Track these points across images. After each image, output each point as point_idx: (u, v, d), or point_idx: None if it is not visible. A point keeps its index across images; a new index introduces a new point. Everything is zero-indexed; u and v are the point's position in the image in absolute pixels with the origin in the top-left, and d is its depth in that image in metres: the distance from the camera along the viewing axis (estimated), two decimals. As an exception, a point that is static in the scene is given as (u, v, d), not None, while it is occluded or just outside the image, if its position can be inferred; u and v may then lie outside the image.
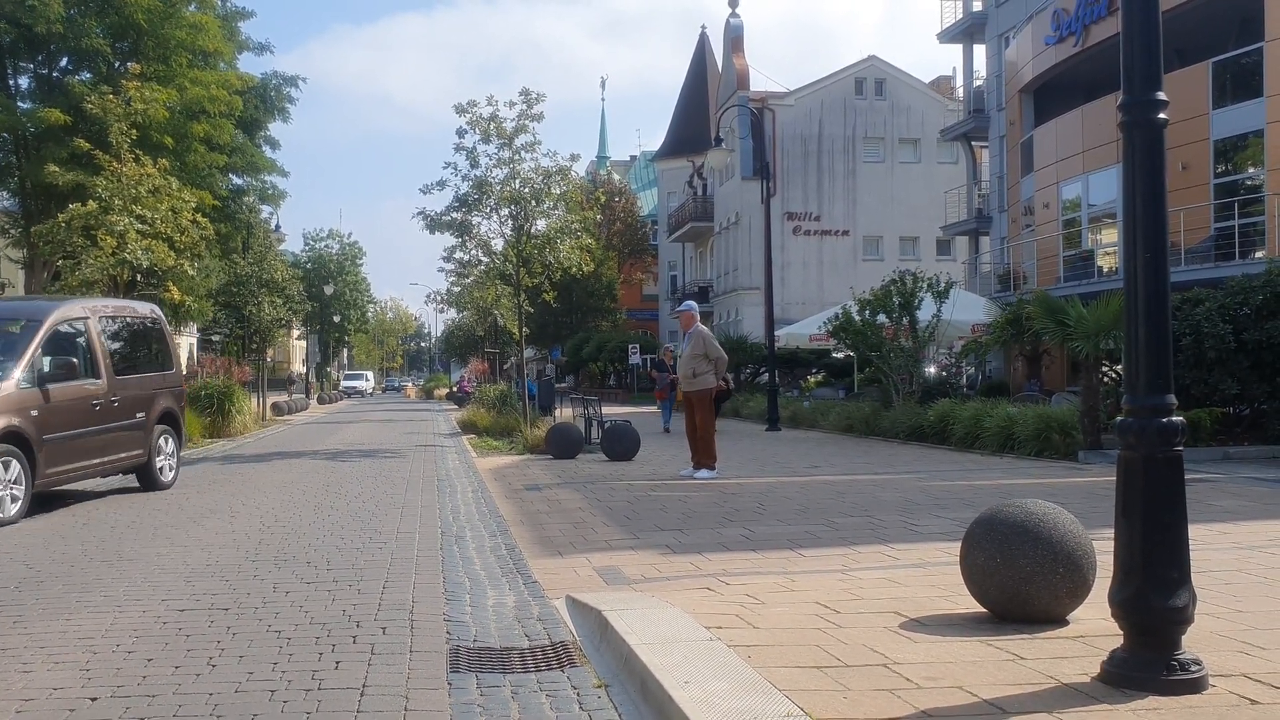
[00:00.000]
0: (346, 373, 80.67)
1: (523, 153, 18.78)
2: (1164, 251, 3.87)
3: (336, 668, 4.59)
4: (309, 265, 66.09)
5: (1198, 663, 3.79)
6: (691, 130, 56.81)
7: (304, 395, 47.46)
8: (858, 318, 21.06)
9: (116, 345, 11.79)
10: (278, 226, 40.25)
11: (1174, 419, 3.80)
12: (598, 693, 4.26)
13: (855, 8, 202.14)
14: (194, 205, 17.97)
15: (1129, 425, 3.84)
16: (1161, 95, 3.86)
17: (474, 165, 19.00)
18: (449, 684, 4.36)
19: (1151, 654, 3.77)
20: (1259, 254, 20.17)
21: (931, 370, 26.04)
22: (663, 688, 3.88)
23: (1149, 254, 3.83)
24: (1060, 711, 3.57)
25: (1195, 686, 3.73)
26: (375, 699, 4.16)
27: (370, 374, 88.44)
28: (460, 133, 18.95)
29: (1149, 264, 3.82)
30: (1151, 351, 3.83)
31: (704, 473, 12.44)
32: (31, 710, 4.06)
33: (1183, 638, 3.82)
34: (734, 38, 49.61)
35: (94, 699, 4.19)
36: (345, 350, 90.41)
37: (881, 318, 20.71)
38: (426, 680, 4.41)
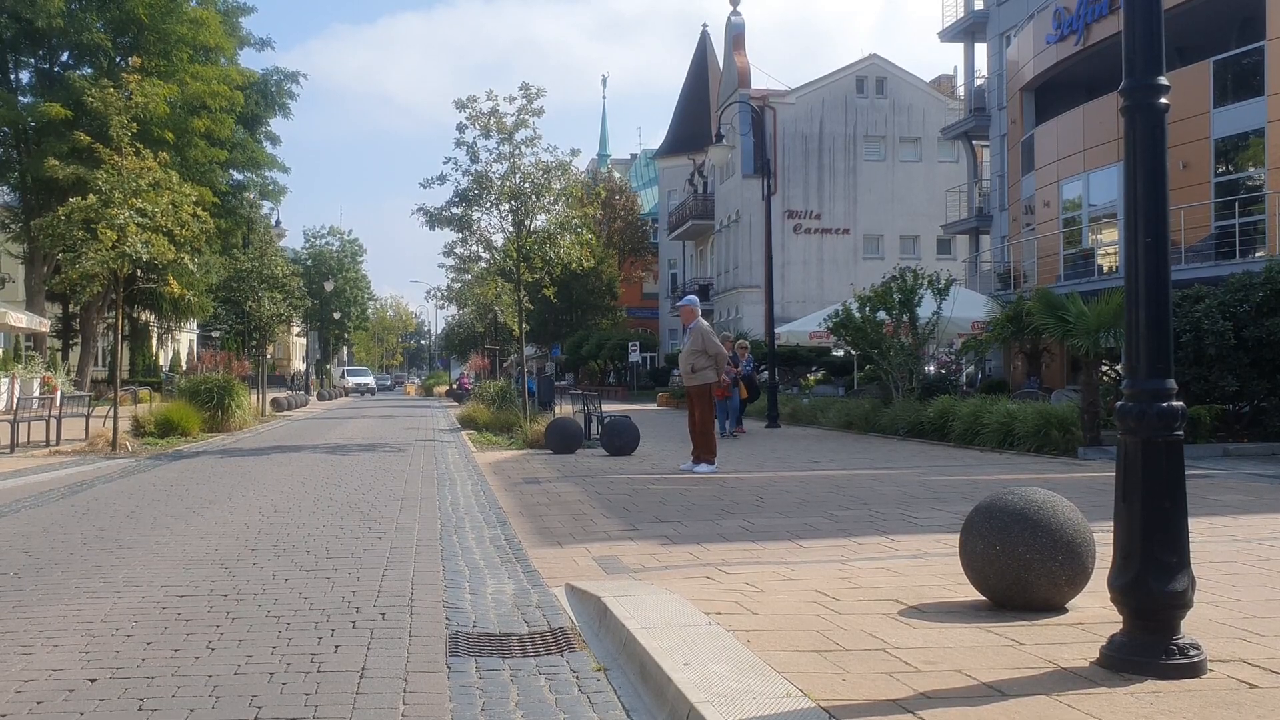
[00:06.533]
0: (348, 368, 78.87)
1: (523, 147, 18.79)
2: (1165, 236, 3.86)
3: (335, 651, 4.59)
4: (309, 262, 66.17)
5: (1196, 647, 3.78)
6: (692, 128, 56.82)
7: (304, 391, 47.46)
8: (858, 315, 21.08)
9: None
10: (278, 222, 40.30)
11: (1174, 403, 3.80)
12: (597, 676, 4.26)
13: (851, 10, 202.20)
14: (194, 199, 17.93)
15: (1129, 409, 3.83)
16: (1163, 80, 3.86)
17: (474, 160, 19.01)
18: (448, 667, 4.36)
19: (1150, 638, 3.77)
20: (1259, 253, 20.18)
21: (931, 368, 26.05)
22: (662, 670, 3.89)
23: (1150, 238, 3.83)
24: (1059, 694, 3.57)
25: (1194, 671, 3.73)
26: (374, 681, 4.16)
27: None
28: (460, 128, 18.95)
29: (1150, 248, 3.82)
30: (1152, 336, 3.82)
31: (704, 467, 12.45)
32: (31, 691, 4.06)
33: (1182, 623, 3.82)
34: (735, 35, 49.62)
35: (93, 680, 4.19)
36: (345, 348, 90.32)
37: (882, 315, 20.73)
38: (425, 664, 4.41)
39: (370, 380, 70.82)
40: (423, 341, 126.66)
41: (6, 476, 12.59)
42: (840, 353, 32.00)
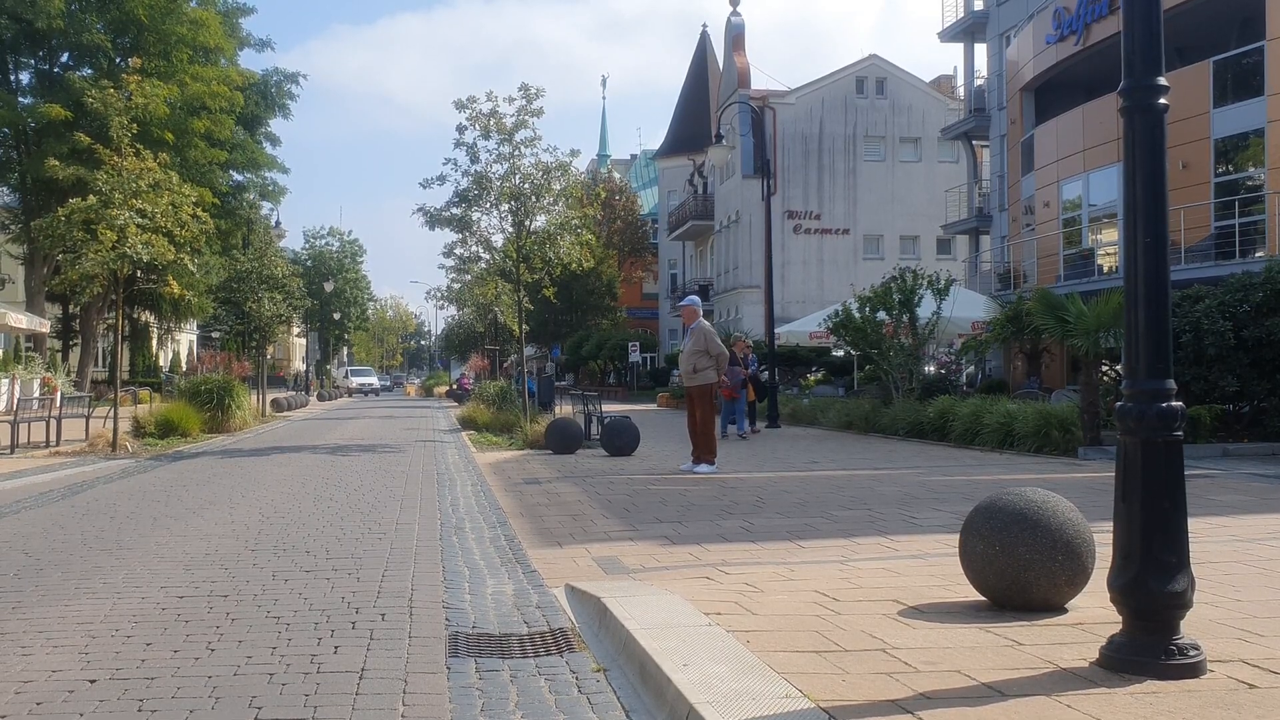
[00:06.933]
0: (352, 369, 78.95)
1: (522, 148, 18.77)
2: (1164, 236, 3.87)
3: (335, 652, 4.59)
4: (309, 262, 66.20)
5: (1196, 647, 3.78)
6: (692, 129, 56.82)
7: (304, 392, 47.45)
8: (858, 315, 21.09)
9: None
10: (278, 223, 40.10)
11: (1173, 403, 3.80)
12: (596, 676, 4.26)
13: (851, 10, 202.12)
14: (194, 200, 17.93)
15: (1128, 410, 3.84)
16: (1162, 80, 3.86)
17: (474, 160, 18.99)
18: (448, 668, 4.36)
19: (1150, 638, 3.77)
20: (1259, 253, 20.18)
21: (931, 368, 26.05)
22: (661, 670, 3.89)
23: (1149, 239, 3.83)
24: (1059, 695, 3.57)
25: (1194, 671, 3.73)
26: (374, 682, 4.16)
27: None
28: (460, 128, 18.95)
29: (1149, 248, 3.82)
30: (1151, 336, 3.83)
31: (704, 467, 12.45)
32: (30, 691, 4.06)
33: (1181, 623, 3.82)
34: (735, 36, 49.63)
35: (93, 681, 4.19)
36: (345, 349, 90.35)
37: (881, 315, 20.73)
38: (425, 665, 4.42)
39: (375, 380, 71.18)
40: (423, 342, 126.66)
41: (7, 477, 12.59)
42: (840, 353, 32.00)
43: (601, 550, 7.09)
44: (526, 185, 18.73)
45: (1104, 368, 15.17)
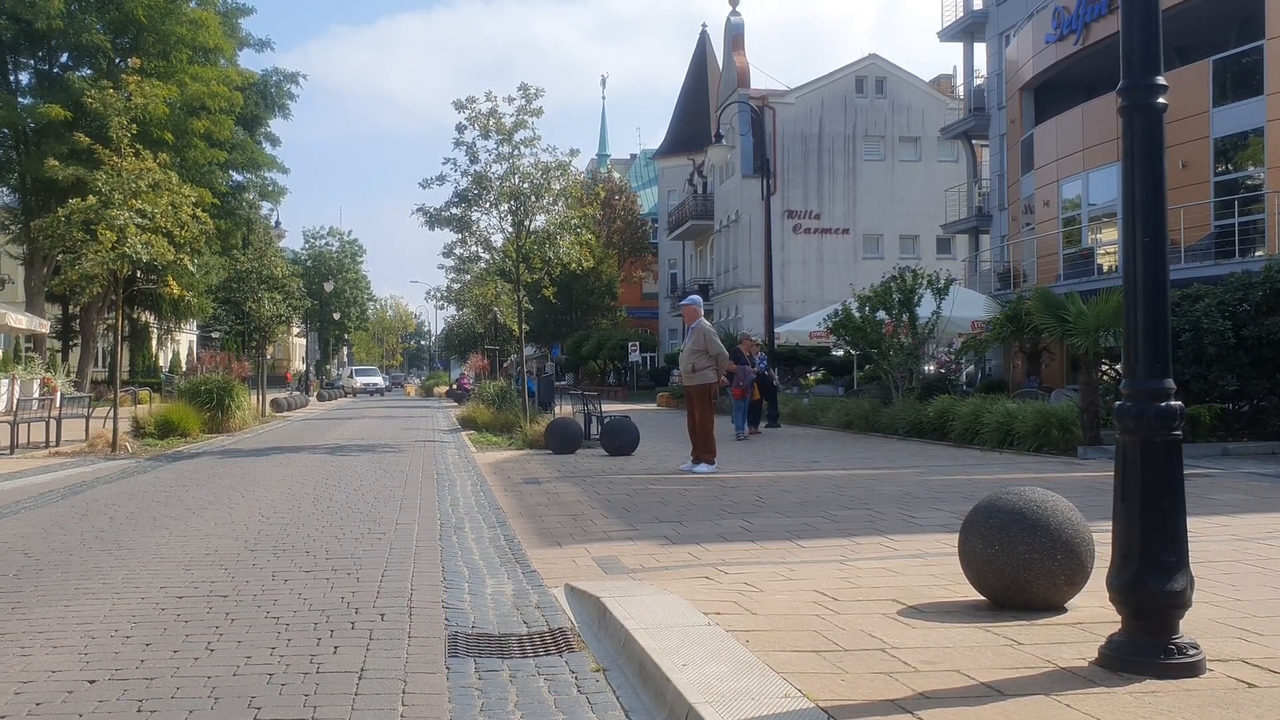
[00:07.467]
0: (356, 368, 78.94)
1: (522, 148, 18.77)
2: (1163, 235, 3.87)
3: (335, 652, 4.59)
4: (309, 262, 66.22)
5: (1195, 647, 3.79)
6: (692, 128, 56.82)
7: (304, 392, 47.45)
8: (858, 314, 21.08)
9: None
10: (278, 223, 40.21)
11: (1172, 403, 3.80)
12: (596, 676, 4.26)
13: (850, 10, 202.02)
14: (194, 200, 17.92)
15: (1127, 409, 3.84)
16: (1161, 80, 3.86)
17: (473, 160, 18.99)
18: (447, 668, 4.36)
19: (1149, 638, 3.77)
20: (1259, 252, 20.18)
21: (931, 367, 26.04)
22: (660, 670, 3.89)
23: (1148, 238, 3.83)
24: (1058, 694, 3.57)
25: (1193, 670, 3.73)
26: (373, 682, 4.16)
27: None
28: (460, 128, 18.95)
29: (1148, 247, 3.82)
30: (1150, 335, 3.83)
31: (703, 467, 12.45)
32: (30, 692, 4.06)
33: (1181, 623, 3.82)
34: (734, 35, 49.62)
35: (92, 681, 4.19)
36: (345, 348, 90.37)
37: (881, 314, 20.73)
38: (424, 665, 4.42)
39: (379, 380, 71.52)
40: (422, 342, 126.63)
41: (6, 478, 12.59)
42: (840, 353, 32.00)
43: (601, 550, 7.09)
44: (526, 185, 18.73)
45: (1104, 367, 15.17)
